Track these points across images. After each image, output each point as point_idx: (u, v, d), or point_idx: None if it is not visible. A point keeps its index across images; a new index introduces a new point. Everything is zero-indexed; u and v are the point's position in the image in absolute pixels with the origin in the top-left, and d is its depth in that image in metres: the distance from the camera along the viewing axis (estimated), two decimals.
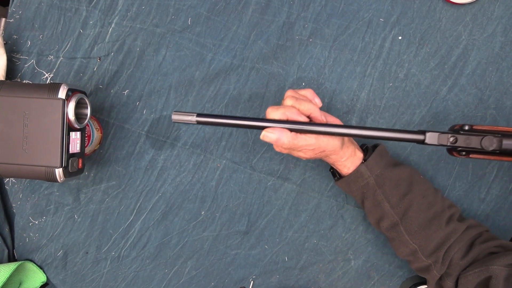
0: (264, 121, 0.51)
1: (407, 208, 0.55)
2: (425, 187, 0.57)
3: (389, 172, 0.56)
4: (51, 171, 0.52)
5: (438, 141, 0.49)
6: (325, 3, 0.64)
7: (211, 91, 0.67)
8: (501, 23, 0.63)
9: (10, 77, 0.67)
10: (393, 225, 0.57)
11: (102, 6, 0.65)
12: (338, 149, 0.54)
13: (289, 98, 0.52)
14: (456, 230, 0.54)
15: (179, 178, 0.69)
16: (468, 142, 0.49)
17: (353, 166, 0.56)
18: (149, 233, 0.70)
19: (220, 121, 0.51)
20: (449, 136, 0.49)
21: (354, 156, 0.56)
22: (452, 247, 0.54)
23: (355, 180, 0.57)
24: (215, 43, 0.66)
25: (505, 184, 0.66)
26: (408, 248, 0.56)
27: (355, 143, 0.58)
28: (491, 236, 0.55)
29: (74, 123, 0.53)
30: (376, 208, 0.57)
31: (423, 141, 0.49)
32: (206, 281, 0.71)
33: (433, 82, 0.65)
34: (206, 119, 0.51)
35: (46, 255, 0.71)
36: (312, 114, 0.52)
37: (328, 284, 0.70)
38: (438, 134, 0.49)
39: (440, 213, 0.55)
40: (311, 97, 0.54)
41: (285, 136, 0.49)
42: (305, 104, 0.51)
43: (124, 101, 0.67)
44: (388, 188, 0.56)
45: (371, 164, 0.56)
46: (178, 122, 0.52)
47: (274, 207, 0.69)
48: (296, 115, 0.50)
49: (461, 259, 0.53)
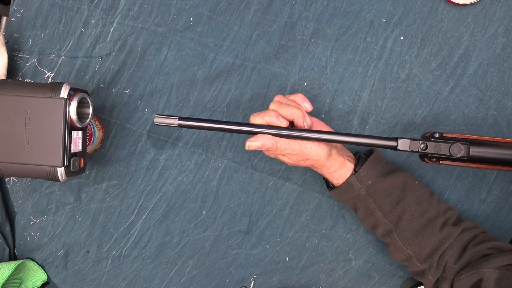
0: (244, 125, 0.52)
1: (400, 215, 0.55)
2: (419, 193, 0.56)
3: (380, 182, 0.55)
4: (53, 170, 0.52)
5: (410, 147, 0.51)
6: (327, 3, 0.64)
7: (213, 90, 0.67)
8: (503, 24, 0.63)
9: (11, 76, 0.67)
10: (387, 233, 0.57)
11: (104, 5, 0.65)
12: (324, 159, 0.54)
13: (273, 103, 0.53)
14: (450, 234, 0.54)
15: (180, 178, 0.69)
16: (438, 149, 0.52)
17: (343, 177, 0.56)
18: (150, 232, 0.70)
19: (202, 125, 0.52)
20: (419, 143, 0.52)
21: (343, 168, 0.56)
22: (446, 252, 0.54)
23: (346, 192, 0.57)
24: (217, 43, 0.66)
25: (506, 185, 0.66)
26: (402, 254, 0.57)
27: (346, 153, 0.58)
28: (485, 238, 0.55)
29: (76, 123, 0.53)
30: (369, 217, 0.57)
31: (396, 147, 0.52)
32: (207, 280, 0.71)
33: (435, 83, 0.65)
34: (188, 122, 0.52)
35: (47, 254, 0.71)
36: (295, 119, 0.52)
37: (329, 284, 0.71)
38: (410, 141, 0.51)
39: (435, 219, 0.55)
40: (300, 102, 0.54)
41: (268, 140, 0.51)
42: (288, 108, 0.51)
43: (125, 101, 0.67)
44: (380, 197, 0.55)
45: (361, 175, 0.55)
46: (160, 125, 0.52)
47: (275, 207, 0.69)
48: (275, 119, 0.51)
49: (455, 263, 0.53)
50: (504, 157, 0.51)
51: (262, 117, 0.51)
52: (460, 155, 0.51)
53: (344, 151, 0.58)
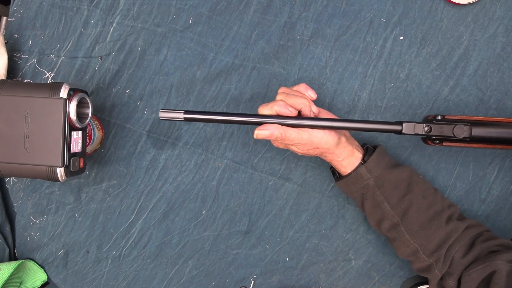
0: (252, 116, 0.52)
1: (407, 208, 0.55)
2: (425, 187, 0.57)
3: (388, 173, 0.56)
4: (52, 171, 0.52)
5: (414, 131, 0.52)
6: (326, 3, 0.64)
7: (213, 90, 0.67)
8: (503, 24, 0.63)
9: (11, 76, 0.67)
10: (393, 226, 0.57)
11: (103, 5, 0.65)
12: (333, 148, 0.54)
13: (280, 94, 0.54)
14: (456, 228, 0.54)
15: (180, 178, 0.69)
16: (441, 130, 0.53)
17: (351, 166, 0.56)
18: (150, 232, 0.70)
19: (208, 118, 0.52)
20: (424, 126, 0.52)
21: (351, 157, 0.56)
22: (453, 246, 0.54)
23: (355, 181, 0.57)
24: (217, 43, 0.66)
25: (506, 185, 0.66)
26: (409, 248, 0.56)
27: (355, 143, 0.58)
28: (491, 236, 0.56)
29: (76, 123, 0.53)
30: (376, 209, 0.57)
31: (401, 131, 0.52)
32: (207, 280, 0.71)
33: (435, 83, 0.65)
34: (194, 116, 0.52)
35: (47, 254, 0.71)
36: (302, 109, 0.53)
37: (329, 284, 0.71)
38: (414, 124, 0.52)
39: (440, 213, 0.56)
40: (304, 91, 0.55)
41: (276, 130, 0.51)
42: (295, 98, 0.52)
43: (125, 101, 0.67)
44: (388, 188, 0.56)
45: (370, 165, 0.56)
46: (165, 119, 0.52)
47: (275, 207, 0.69)
48: (284, 108, 0.51)
49: (462, 257, 0.53)
50: (505, 135, 0.53)
51: (270, 108, 0.52)
52: (463, 135, 0.52)
53: (352, 140, 0.58)
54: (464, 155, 0.66)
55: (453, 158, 0.66)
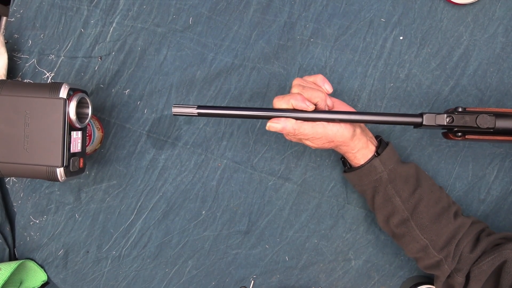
0: (266, 110, 0.51)
1: (417, 202, 0.55)
2: (431, 182, 0.57)
3: (400, 167, 0.56)
4: (52, 171, 0.52)
5: (436, 122, 0.50)
6: (326, 3, 0.64)
7: (212, 90, 0.67)
8: (502, 24, 0.63)
9: (11, 76, 0.67)
10: (403, 221, 0.56)
11: (103, 5, 0.65)
12: (348, 140, 0.53)
13: (296, 87, 0.52)
14: (464, 224, 0.55)
15: (180, 178, 0.69)
16: (464, 121, 0.51)
17: (364, 158, 0.56)
18: (150, 232, 0.70)
19: (222, 112, 0.51)
20: (445, 117, 0.51)
21: (366, 149, 0.55)
22: (461, 241, 0.54)
23: (368, 174, 0.56)
24: (216, 43, 0.66)
25: (506, 185, 0.66)
26: (419, 244, 0.56)
27: (369, 134, 0.58)
28: (492, 231, 0.57)
29: (75, 123, 0.53)
30: (386, 204, 0.56)
31: (421, 123, 0.51)
32: (206, 280, 0.71)
33: (435, 83, 0.65)
34: (207, 111, 0.51)
35: (47, 254, 0.71)
36: (318, 102, 0.51)
37: (329, 284, 0.71)
38: (435, 115, 0.51)
39: (448, 208, 0.56)
40: (321, 83, 0.53)
41: (290, 124, 0.50)
42: (312, 92, 0.51)
43: (125, 101, 0.67)
44: (399, 182, 0.55)
45: (385, 158, 0.55)
46: (178, 115, 0.52)
47: (274, 207, 0.69)
48: (301, 102, 0.50)
49: (471, 252, 0.53)
50: None
51: (287, 101, 0.50)
52: (487, 125, 0.50)
53: (367, 131, 0.58)
54: (464, 155, 0.66)
55: (452, 158, 0.66)
